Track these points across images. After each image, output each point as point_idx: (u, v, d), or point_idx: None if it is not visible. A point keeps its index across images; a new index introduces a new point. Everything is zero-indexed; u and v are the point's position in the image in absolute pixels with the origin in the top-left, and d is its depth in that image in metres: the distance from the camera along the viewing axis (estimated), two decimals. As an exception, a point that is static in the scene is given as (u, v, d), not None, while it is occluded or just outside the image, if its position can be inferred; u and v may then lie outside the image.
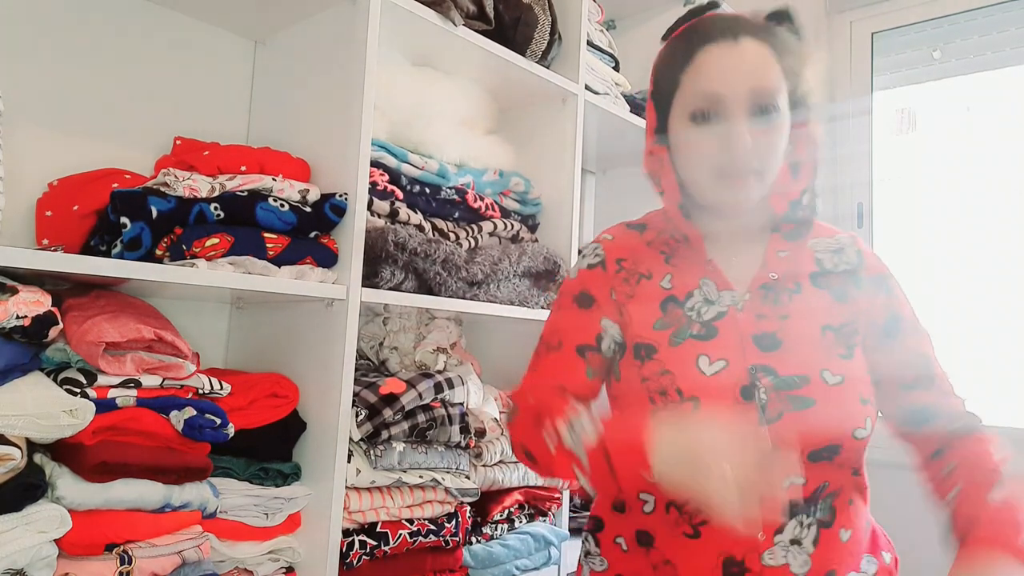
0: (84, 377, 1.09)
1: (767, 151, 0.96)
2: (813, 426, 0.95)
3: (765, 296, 1.01)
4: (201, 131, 1.56)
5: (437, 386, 1.45)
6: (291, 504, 1.31)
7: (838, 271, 1.04)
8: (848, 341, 1.00)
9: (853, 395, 0.97)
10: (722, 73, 0.95)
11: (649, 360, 1.00)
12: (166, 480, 1.15)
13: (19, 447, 1.00)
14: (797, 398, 0.95)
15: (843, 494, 0.99)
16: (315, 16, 1.51)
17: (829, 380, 0.96)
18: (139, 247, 1.17)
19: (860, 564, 1.01)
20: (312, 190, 1.35)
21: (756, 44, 0.96)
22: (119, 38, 1.48)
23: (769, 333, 0.98)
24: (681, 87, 0.98)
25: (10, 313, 1.00)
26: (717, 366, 0.97)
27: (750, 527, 0.81)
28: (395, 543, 1.36)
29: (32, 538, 1.00)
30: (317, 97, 1.48)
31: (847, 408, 0.96)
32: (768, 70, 0.96)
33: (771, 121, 0.96)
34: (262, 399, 1.31)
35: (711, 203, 1.01)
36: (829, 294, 1.02)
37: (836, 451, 0.96)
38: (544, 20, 1.75)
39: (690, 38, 0.99)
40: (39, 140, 1.37)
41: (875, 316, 1.04)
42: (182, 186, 1.22)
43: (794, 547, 0.95)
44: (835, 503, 0.98)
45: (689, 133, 0.98)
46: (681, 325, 1.01)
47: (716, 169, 0.97)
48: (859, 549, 1.01)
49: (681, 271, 1.04)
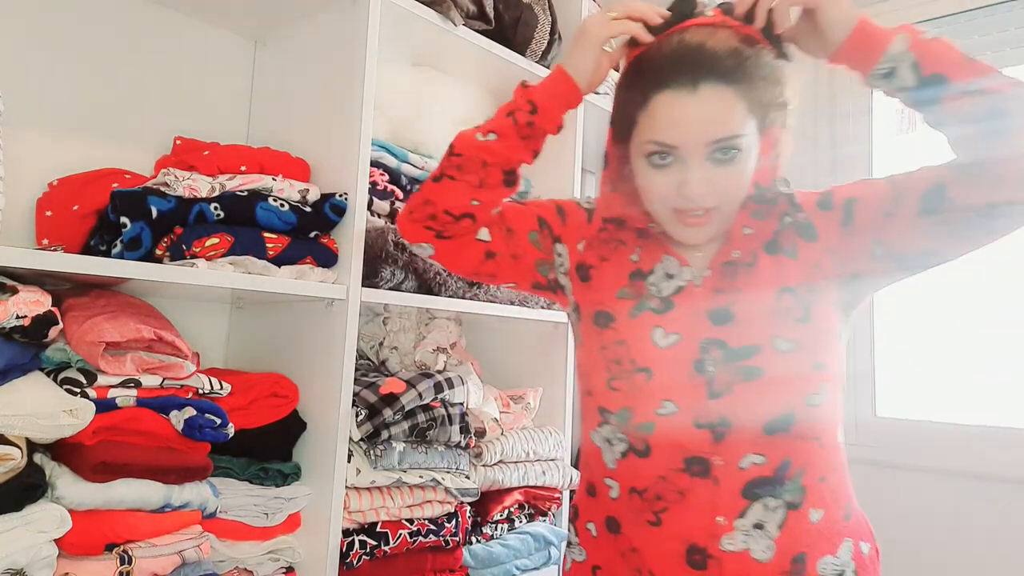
0: (84, 377, 1.09)
1: (726, 189, 0.95)
2: (763, 396, 0.95)
3: (724, 272, 1.02)
4: (201, 131, 1.56)
5: (437, 386, 1.45)
6: (291, 504, 1.31)
7: (784, 230, 1.03)
8: (805, 301, 0.99)
9: (806, 360, 0.95)
10: (676, 124, 0.92)
11: (607, 328, 1.04)
12: (166, 480, 1.15)
13: (19, 447, 1.00)
14: (746, 368, 0.95)
15: (811, 471, 0.96)
16: (315, 16, 1.51)
17: (780, 347, 0.95)
18: (139, 247, 1.17)
19: (838, 548, 0.97)
20: (312, 190, 1.35)
21: (717, 90, 0.90)
22: (119, 38, 1.48)
23: (723, 307, 1.00)
24: (638, 127, 0.97)
25: (10, 313, 1.00)
26: (671, 339, 0.99)
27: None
28: (395, 543, 1.36)
29: (32, 538, 1.00)
30: (317, 97, 1.48)
31: (799, 375, 0.95)
32: (728, 117, 0.91)
33: (732, 161, 0.93)
34: (262, 399, 1.31)
35: (671, 235, 1.02)
36: (784, 255, 1.02)
37: (791, 420, 0.94)
38: (544, 20, 1.75)
39: (647, 78, 0.95)
40: (39, 140, 1.37)
41: (834, 231, 1.01)
42: (182, 186, 1.22)
43: (756, 531, 0.93)
44: (804, 482, 0.95)
45: (647, 172, 0.97)
46: (642, 297, 1.03)
47: (673, 211, 0.97)
48: (836, 529, 0.98)
49: (649, 246, 1.07)
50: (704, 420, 0.96)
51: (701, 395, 0.96)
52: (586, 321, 1.07)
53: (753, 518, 0.93)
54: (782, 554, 0.93)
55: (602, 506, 1.04)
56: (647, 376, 0.98)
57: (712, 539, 0.93)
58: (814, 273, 1.00)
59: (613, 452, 1.01)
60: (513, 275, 1.15)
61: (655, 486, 0.97)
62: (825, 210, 1.02)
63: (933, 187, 0.95)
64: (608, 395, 1.01)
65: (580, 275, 1.10)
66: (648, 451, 0.97)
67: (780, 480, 0.94)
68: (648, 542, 0.97)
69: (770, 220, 1.03)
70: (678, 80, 0.91)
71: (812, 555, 0.95)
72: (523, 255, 1.13)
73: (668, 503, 0.96)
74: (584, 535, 1.07)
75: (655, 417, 0.97)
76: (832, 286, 1.01)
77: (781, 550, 0.93)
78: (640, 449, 0.98)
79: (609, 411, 1.01)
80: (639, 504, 0.98)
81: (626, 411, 0.99)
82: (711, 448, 0.95)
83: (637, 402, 0.98)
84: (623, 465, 1.00)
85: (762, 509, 0.94)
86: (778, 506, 0.94)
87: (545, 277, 1.14)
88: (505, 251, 1.13)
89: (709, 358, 0.97)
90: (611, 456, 1.02)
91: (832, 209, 1.02)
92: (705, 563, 0.94)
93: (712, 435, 0.95)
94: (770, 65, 0.95)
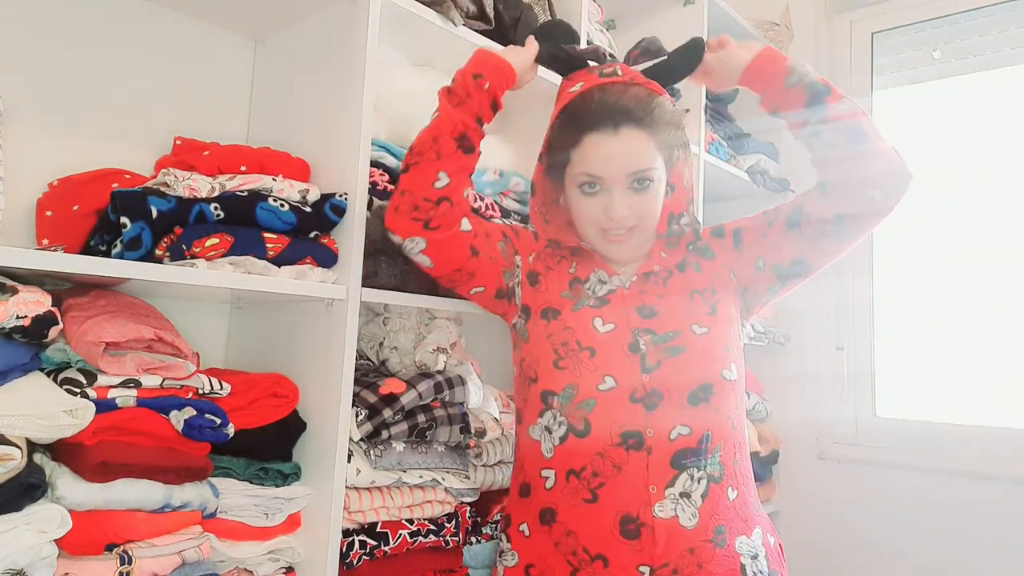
0: (84, 377, 1.09)
1: (643, 212, 1.19)
2: (687, 368, 1.14)
3: (646, 279, 1.27)
4: (201, 131, 1.56)
5: (437, 386, 1.45)
6: (291, 504, 1.31)
7: (690, 254, 1.31)
8: (711, 300, 1.23)
9: (719, 343, 1.18)
10: (603, 160, 1.16)
11: (554, 320, 1.23)
12: (166, 480, 1.15)
13: (19, 447, 1.00)
14: (672, 347, 1.16)
15: (727, 449, 1.13)
16: (315, 16, 1.51)
17: (697, 331, 1.18)
18: (139, 247, 1.17)
19: (752, 531, 1.11)
20: (312, 190, 1.35)
21: (633, 132, 1.15)
22: (119, 38, 1.48)
23: (648, 305, 1.23)
24: (571, 162, 1.20)
25: (10, 313, 1.00)
26: (608, 327, 1.20)
27: None
28: (395, 543, 1.36)
29: (32, 538, 1.00)
30: (317, 97, 1.48)
31: (714, 353, 1.16)
32: (643, 154, 1.15)
33: (647, 190, 1.18)
34: (262, 399, 1.31)
35: (601, 253, 1.27)
36: (691, 270, 1.28)
37: (710, 391, 1.12)
38: (544, 20, 1.75)
39: (579, 121, 1.17)
40: (39, 140, 1.37)
41: (728, 252, 1.29)
42: (182, 186, 1.22)
43: (683, 500, 1.07)
44: (722, 458, 1.12)
45: (579, 199, 1.21)
46: (581, 297, 1.25)
47: (601, 230, 1.21)
48: (748, 514, 1.12)
49: (583, 261, 1.31)
50: (639, 395, 1.12)
51: (636, 369, 1.14)
52: (534, 318, 1.26)
53: (680, 487, 1.08)
54: (705, 523, 1.07)
55: (536, 502, 1.16)
56: (591, 354, 1.16)
57: (645, 507, 1.06)
58: (715, 282, 1.26)
59: (552, 439, 1.15)
60: (487, 278, 1.30)
61: (593, 463, 1.10)
62: (718, 237, 1.30)
63: (794, 207, 1.21)
64: (554, 375, 1.17)
65: (530, 281, 1.31)
66: (587, 430, 1.12)
67: (702, 452, 1.10)
68: (583, 520, 1.09)
69: (679, 248, 1.31)
70: (603, 125, 1.15)
71: (730, 530, 1.09)
72: (496, 260, 1.30)
73: (605, 478, 1.09)
74: (517, 538, 1.18)
75: (596, 393, 1.13)
76: (730, 293, 1.25)
77: (704, 520, 1.07)
78: (580, 429, 1.12)
79: (553, 392, 1.16)
80: (576, 485, 1.11)
81: (570, 388, 1.14)
82: (644, 420, 1.10)
83: (582, 378, 1.14)
84: (561, 450, 1.14)
85: (688, 479, 1.08)
86: (701, 477, 1.09)
87: (507, 284, 1.32)
88: (484, 251, 1.28)
89: (641, 340, 1.17)
90: (549, 445, 1.16)
91: (724, 236, 1.30)
92: (638, 531, 1.06)
93: (645, 407, 1.11)
94: (672, 112, 1.20)
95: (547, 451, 1.16)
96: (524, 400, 1.25)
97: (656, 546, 1.05)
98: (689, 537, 1.06)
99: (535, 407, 1.19)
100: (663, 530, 1.05)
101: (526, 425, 1.23)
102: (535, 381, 1.20)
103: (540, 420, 1.18)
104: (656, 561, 1.05)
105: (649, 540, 1.05)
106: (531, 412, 1.21)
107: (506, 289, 1.31)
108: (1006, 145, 2.20)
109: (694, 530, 1.06)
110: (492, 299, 1.33)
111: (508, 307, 1.33)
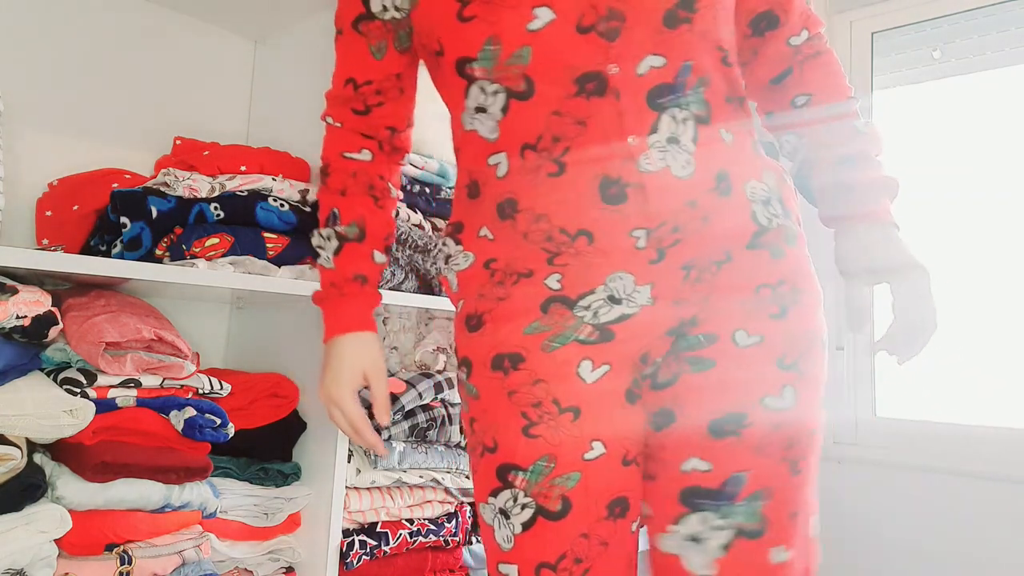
0: (84, 377, 1.09)
1: None
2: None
3: None
4: (201, 131, 1.56)
5: (437, 386, 1.45)
6: (291, 504, 1.31)
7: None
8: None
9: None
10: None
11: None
12: (166, 480, 1.15)
13: (19, 447, 1.00)
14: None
15: (714, 85, 0.86)
16: (315, 16, 1.51)
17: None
18: (139, 247, 1.17)
19: (761, 174, 0.89)
20: (312, 190, 1.35)
21: None
22: (119, 38, 1.48)
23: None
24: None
25: (10, 313, 1.00)
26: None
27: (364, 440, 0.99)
28: (395, 543, 1.36)
29: (32, 538, 1.00)
30: (317, 97, 1.48)
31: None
32: None
33: None
34: (262, 399, 1.31)
35: None
36: None
37: (691, 6, 0.82)
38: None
39: None
40: (39, 140, 1.37)
41: None
42: (182, 186, 1.22)
43: (672, 146, 0.83)
44: (707, 95, 0.85)
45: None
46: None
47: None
48: (751, 158, 0.89)
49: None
50: (588, 20, 0.81)
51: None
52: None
53: (665, 132, 0.83)
54: (703, 169, 0.84)
55: (491, 196, 0.89)
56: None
57: (628, 163, 0.82)
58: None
59: (495, 107, 0.86)
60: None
61: (550, 128, 0.83)
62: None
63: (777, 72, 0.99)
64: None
65: None
66: (531, 89, 0.83)
67: (680, 88, 0.84)
68: (552, 200, 0.84)
69: None
70: None
71: (735, 175, 0.86)
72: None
73: (569, 140, 0.83)
74: (472, 241, 0.92)
75: (529, 37, 0.82)
76: None
77: (701, 165, 0.84)
78: (521, 90, 0.84)
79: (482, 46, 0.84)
80: (535, 160, 0.85)
81: (492, 40, 0.83)
82: (604, 55, 0.81)
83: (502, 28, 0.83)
84: (507, 122, 0.86)
85: (671, 121, 0.83)
86: (687, 117, 0.84)
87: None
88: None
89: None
90: (490, 122, 0.87)
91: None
92: (623, 193, 0.83)
93: (602, 37, 0.81)
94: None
95: (490, 131, 0.88)
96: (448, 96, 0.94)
97: (648, 204, 0.82)
98: (687, 188, 0.83)
99: (463, 82, 0.88)
100: (655, 186, 0.82)
101: (458, 123, 0.93)
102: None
103: (471, 91, 0.88)
104: (652, 222, 0.82)
105: (639, 200, 0.82)
106: (455, 102, 0.91)
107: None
108: (1006, 145, 2.21)
109: (691, 179, 0.83)
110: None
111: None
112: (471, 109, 0.88)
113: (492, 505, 0.87)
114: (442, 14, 0.86)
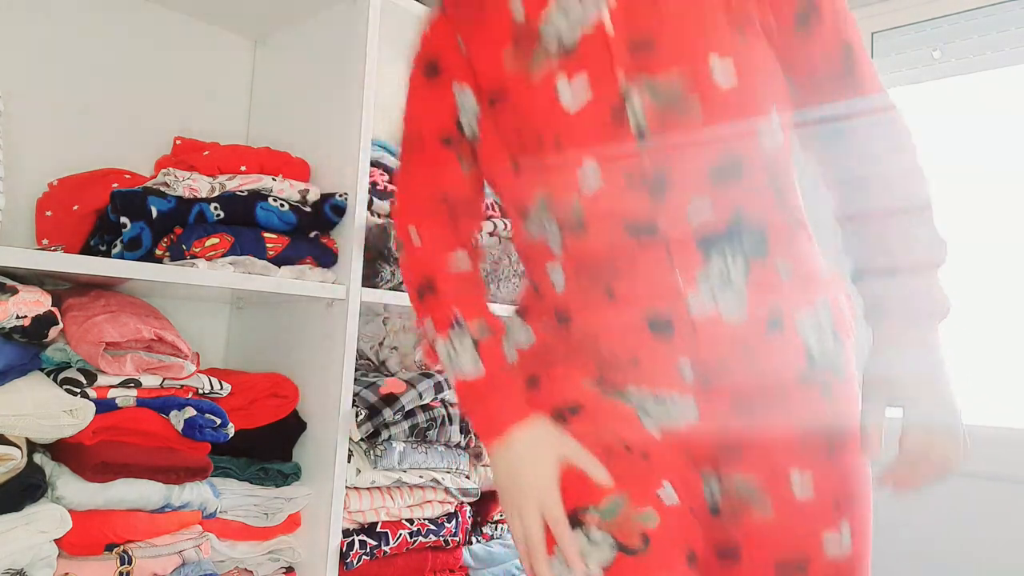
0: (84, 377, 1.09)
1: None
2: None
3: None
4: (201, 131, 1.56)
5: (437, 386, 1.45)
6: (291, 504, 1.31)
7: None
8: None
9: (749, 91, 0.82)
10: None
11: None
12: (166, 480, 1.15)
13: (19, 447, 1.00)
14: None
15: (767, 222, 0.84)
16: (315, 16, 1.51)
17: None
18: (139, 247, 1.17)
19: (814, 302, 0.86)
20: (312, 190, 1.35)
21: None
22: (119, 38, 1.48)
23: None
24: None
25: (10, 313, 1.00)
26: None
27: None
28: (395, 543, 1.36)
29: (32, 538, 1.00)
30: (317, 97, 1.48)
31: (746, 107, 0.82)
32: None
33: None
34: (262, 399, 1.31)
35: None
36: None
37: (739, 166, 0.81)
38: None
39: None
40: (39, 140, 1.37)
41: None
42: (182, 186, 1.22)
43: (722, 284, 0.82)
44: (760, 233, 0.84)
45: None
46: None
47: None
48: (804, 284, 0.86)
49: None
50: (637, 182, 0.81)
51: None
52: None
53: (716, 271, 0.82)
54: (755, 307, 0.83)
55: (550, 302, 0.92)
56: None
57: (678, 302, 0.82)
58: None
59: (552, 232, 0.88)
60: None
61: (602, 259, 0.85)
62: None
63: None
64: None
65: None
66: (585, 230, 0.85)
67: (732, 234, 0.83)
68: (602, 327, 0.86)
69: None
70: None
71: (787, 310, 0.84)
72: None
73: (620, 274, 0.84)
74: (537, 324, 0.95)
75: (580, 198, 0.83)
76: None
77: (753, 304, 0.83)
78: (575, 229, 0.85)
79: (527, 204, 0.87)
80: (588, 284, 0.87)
81: (545, 197, 0.85)
82: (654, 210, 0.81)
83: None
84: (564, 246, 0.87)
85: (720, 261, 0.83)
86: (736, 254, 0.83)
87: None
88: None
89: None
90: (551, 241, 0.88)
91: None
92: (671, 328, 0.83)
93: (654, 195, 0.81)
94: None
95: (551, 252, 0.89)
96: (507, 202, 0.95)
97: (699, 345, 0.82)
98: (739, 333, 0.82)
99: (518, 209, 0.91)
100: (706, 332, 0.82)
101: (519, 229, 0.94)
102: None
103: (526, 225, 0.90)
104: (699, 356, 0.82)
105: (687, 334, 0.82)
106: (516, 212, 0.92)
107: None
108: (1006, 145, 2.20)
109: (743, 324, 0.82)
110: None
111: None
112: (531, 230, 0.91)
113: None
114: (499, 164, 0.89)
